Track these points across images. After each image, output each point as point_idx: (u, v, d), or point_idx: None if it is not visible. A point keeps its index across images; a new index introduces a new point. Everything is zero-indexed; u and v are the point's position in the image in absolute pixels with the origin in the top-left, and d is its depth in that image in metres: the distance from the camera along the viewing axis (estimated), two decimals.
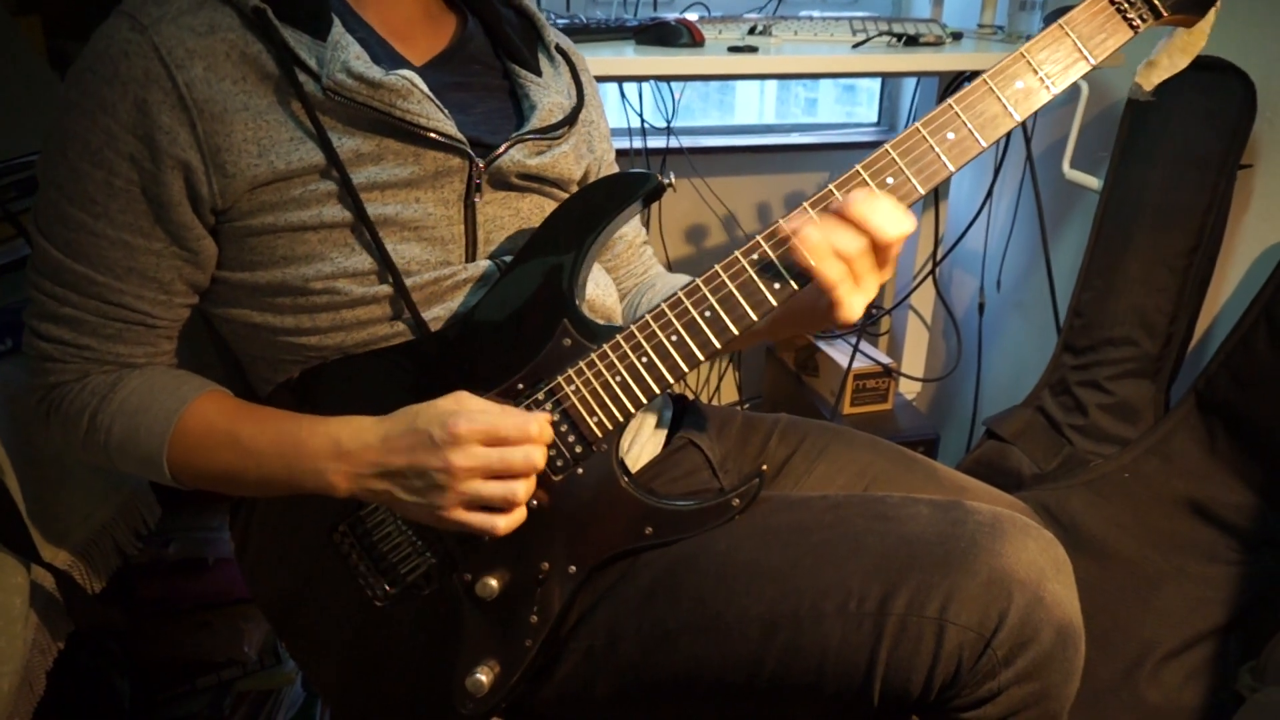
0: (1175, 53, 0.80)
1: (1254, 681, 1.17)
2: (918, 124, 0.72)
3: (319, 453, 0.71)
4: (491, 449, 0.69)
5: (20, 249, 0.99)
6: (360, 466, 0.71)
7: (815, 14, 1.66)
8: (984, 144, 0.72)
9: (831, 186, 0.73)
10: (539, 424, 0.70)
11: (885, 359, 1.85)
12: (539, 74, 0.87)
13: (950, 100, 0.72)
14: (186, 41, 0.68)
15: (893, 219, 0.69)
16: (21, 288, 0.96)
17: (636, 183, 0.77)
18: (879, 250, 0.70)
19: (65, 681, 0.92)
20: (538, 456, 0.70)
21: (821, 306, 0.74)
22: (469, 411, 0.69)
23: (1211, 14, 0.75)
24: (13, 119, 1.05)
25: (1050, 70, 0.72)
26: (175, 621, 1.33)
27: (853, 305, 0.71)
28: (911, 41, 1.47)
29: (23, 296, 0.96)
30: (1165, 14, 0.73)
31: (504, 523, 0.71)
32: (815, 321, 0.84)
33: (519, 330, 0.76)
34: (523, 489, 0.70)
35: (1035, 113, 0.73)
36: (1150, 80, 0.82)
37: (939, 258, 1.95)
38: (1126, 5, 0.72)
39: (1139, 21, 0.72)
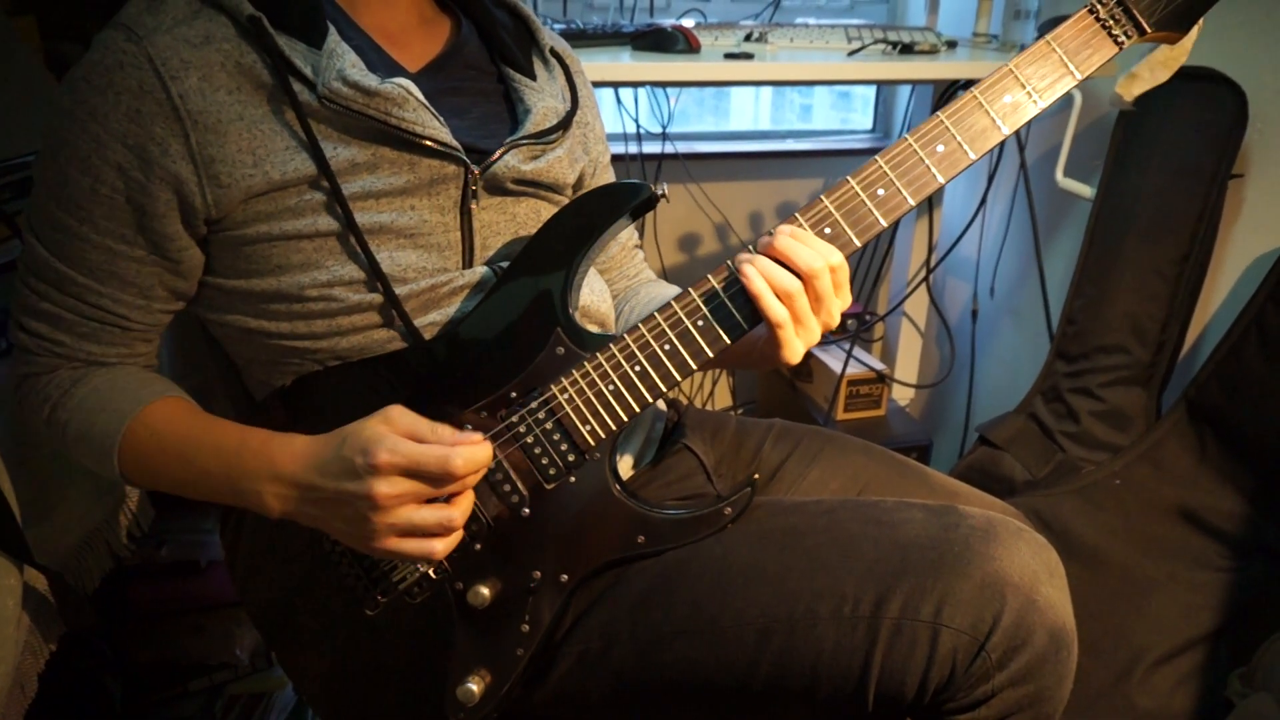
0: (1157, 66, 0.81)
1: (1243, 687, 1.17)
2: (907, 136, 0.73)
3: (256, 474, 0.70)
4: (409, 483, 0.66)
5: (15, 249, 0.99)
6: (292, 490, 0.70)
7: (811, 21, 1.67)
8: (973, 157, 0.73)
9: (822, 196, 0.73)
10: (465, 459, 0.66)
11: (879, 365, 1.86)
12: (533, 77, 0.87)
13: (940, 113, 0.73)
14: (181, 52, 0.68)
15: (811, 254, 0.70)
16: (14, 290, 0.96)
17: (630, 194, 0.78)
18: (810, 288, 0.71)
19: (57, 684, 0.91)
20: (470, 485, 0.69)
21: (763, 348, 0.75)
22: (391, 440, 0.65)
23: (1195, 31, 0.76)
24: (8, 120, 1.05)
25: (1037, 85, 0.73)
26: (167, 624, 1.32)
27: (795, 347, 0.73)
28: (906, 50, 1.48)
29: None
30: (1150, 31, 0.74)
31: (441, 546, 0.69)
32: (759, 360, 0.80)
33: (512, 339, 0.76)
34: (459, 514, 0.69)
35: (1023, 126, 0.75)
36: (1131, 91, 0.84)
37: (933, 264, 1.96)
38: (1111, 22, 0.73)
39: (1124, 38, 0.74)
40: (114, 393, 0.75)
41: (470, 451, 0.67)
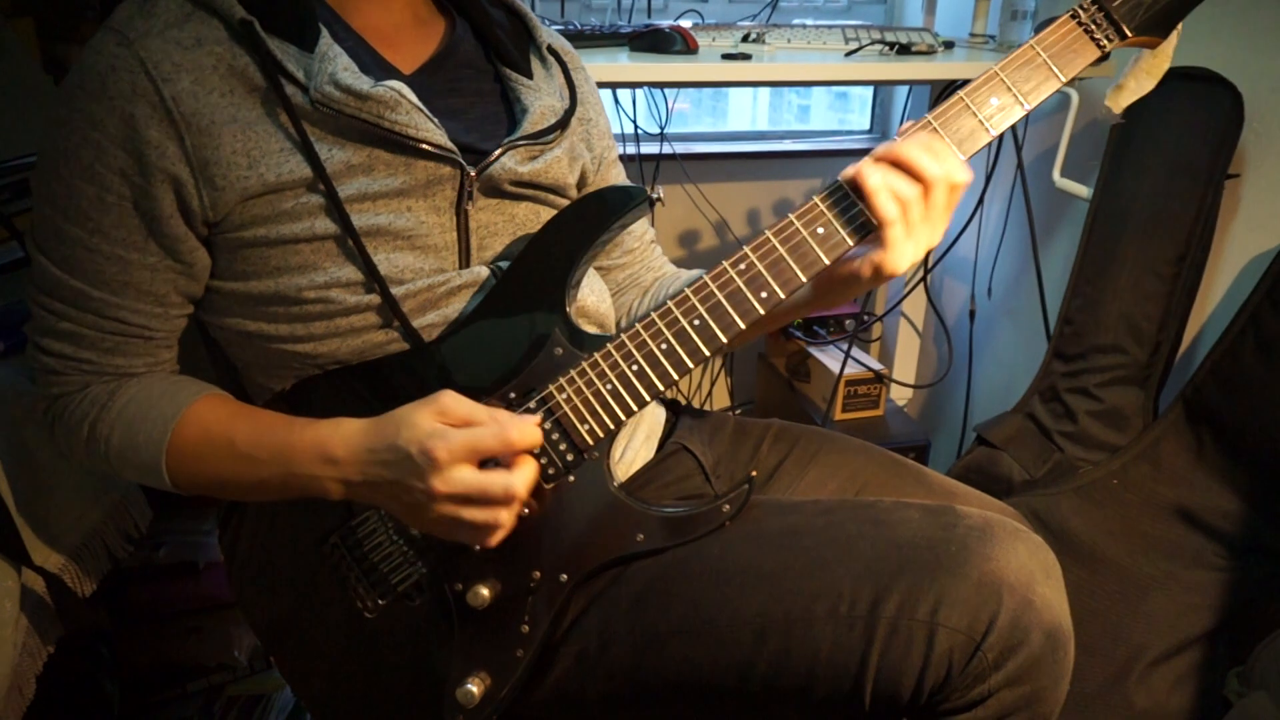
0: (1141, 75, 0.83)
1: (1241, 686, 1.18)
2: (897, 138, 0.74)
3: (309, 460, 0.71)
4: (470, 477, 0.67)
5: (14, 251, 0.99)
6: (349, 474, 0.70)
7: (808, 22, 1.67)
8: (962, 158, 0.74)
9: (815, 198, 0.74)
10: (519, 430, 0.68)
11: (877, 365, 1.86)
12: (530, 76, 0.87)
13: (929, 116, 0.74)
14: (173, 55, 0.68)
15: (935, 161, 0.71)
16: (13, 290, 0.96)
17: (625, 198, 0.78)
18: (929, 196, 0.72)
19: (54, 686, 0.91)
20: (518, 482, 0.68)
21: (864, 268, 0.75)
22: (446, 434, 0.66)
23: (1174, 36, 0.78)
24: (5, 122, 1.05)
25: (1023, 88, 0.75)
26: (166, 625, 1.32)
27: (903, 252, 0.73)
28: (904, 50, 1.48)
29: (14, 299, 0.96)
30: (1130, 35, 0.75)
31: (506, 515, 0.70)
32: (860, 283, 0.78)
33: (511, 340, 0.76)
34: (506, 515, 0.69)
35: (1010, 127, 0.76)
36: (1119, 103, 0.85)
37: (930, 265, 1.96)
38: (1093, 26, 0.75)
39: (1105, 42, 0.75)
40: (152, 400, 0.75)
41: (524, 425, 0.68)
